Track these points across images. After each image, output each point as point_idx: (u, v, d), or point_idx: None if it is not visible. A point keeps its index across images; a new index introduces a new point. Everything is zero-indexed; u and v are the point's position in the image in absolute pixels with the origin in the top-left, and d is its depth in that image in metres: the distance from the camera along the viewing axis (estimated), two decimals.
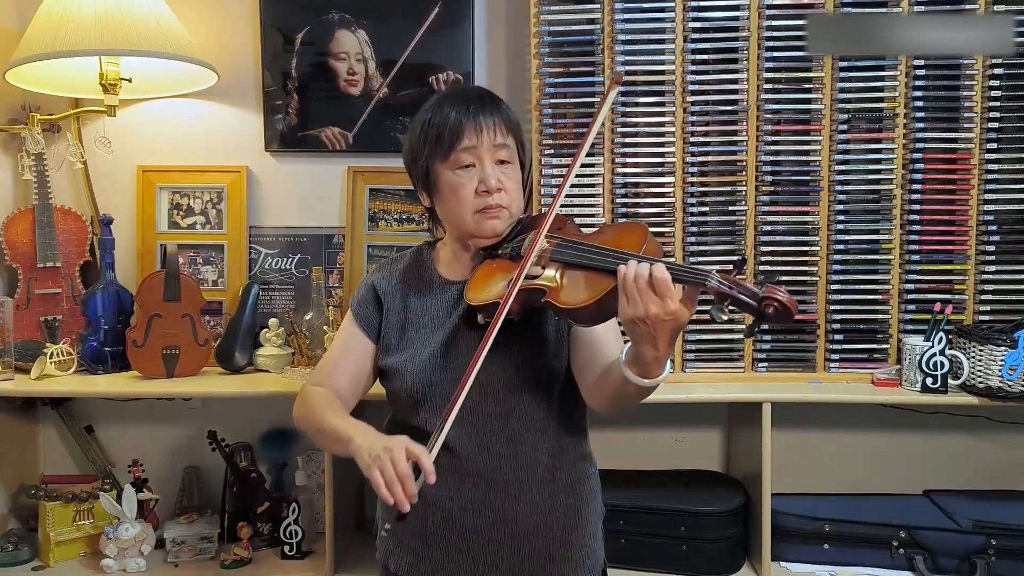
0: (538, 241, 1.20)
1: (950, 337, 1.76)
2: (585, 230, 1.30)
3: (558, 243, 1.20)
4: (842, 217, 1.84)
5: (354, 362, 1.37)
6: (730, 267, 1.06)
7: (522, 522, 1.26)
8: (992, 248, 1.84)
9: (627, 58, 1.84)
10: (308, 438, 2.10)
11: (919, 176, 1.83)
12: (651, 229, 1.82)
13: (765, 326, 1.04)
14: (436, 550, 1.27)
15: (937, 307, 1.77)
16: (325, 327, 2.00)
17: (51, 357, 1.93)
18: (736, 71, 1.83)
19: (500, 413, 1.25)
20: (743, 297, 1.02)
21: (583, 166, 1.86)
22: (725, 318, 1.04)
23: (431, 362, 1.27)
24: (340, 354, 1.38)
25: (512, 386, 1.25)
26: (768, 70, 1.83)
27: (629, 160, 1.85)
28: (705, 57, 1.83)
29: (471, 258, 1.32)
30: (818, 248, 1.85)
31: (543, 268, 1.19)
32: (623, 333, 1.15)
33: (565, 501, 1.30)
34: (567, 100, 1.86)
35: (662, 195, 1.86)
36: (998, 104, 1.81)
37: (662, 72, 1.84)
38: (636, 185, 1.86)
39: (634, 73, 1.85)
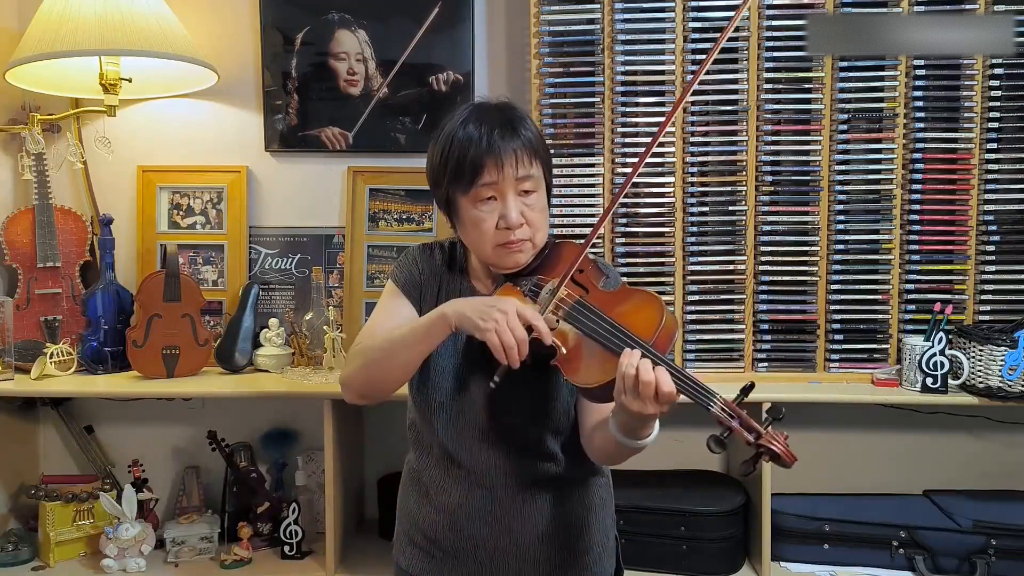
0: (557, 292, 1.17)
1: (950, 337, 1.77)
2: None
3: (575, 304, 1.16)
4: (842, 217, 1.84)
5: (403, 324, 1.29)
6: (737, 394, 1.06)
7: (528, 531, 1.26)
8: (992, 248, 1.84)
9: (627, 58, 1.84)
10: (310, 437, 2.12)
11: (919, 176, 1.83)
12: (651, 229, 1.86)
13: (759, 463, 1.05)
14: (445, 553, 1.29)
15: (937, 307, 1.77)
16: (325, 327, 2.00)
17: (51, 357, 1.93)
18: (736, 71, 1.83)
19: (512, 433, 1.25)
20: (743, 432, 1.02)
21: (583, 165, 1.86)
22: (719, 451, 1.03)
23: (449, 372, 1.26)
24: (390, 318, 1.30)
25: (531, 412, 1.25)
26: (768, 70, 1.83)
27: (629, 160, 1.85)
28: (705, 57, 1.83)
29: (493, 281, 1.31)
30: (818, 248, 1.85)
31: (558, 321, 1.16)
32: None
33: (572, 511, 1.30)
34: (567, 100, 1.86)
35: (662, 195, 1.86)
36: (998, 104, 1.81)
37: (662, 72, 1.84)
38: (636, 185, 1.86)
39: (634, 73, 1.85)
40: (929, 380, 1.74)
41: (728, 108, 1.84)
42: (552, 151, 1.83)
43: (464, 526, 1.26)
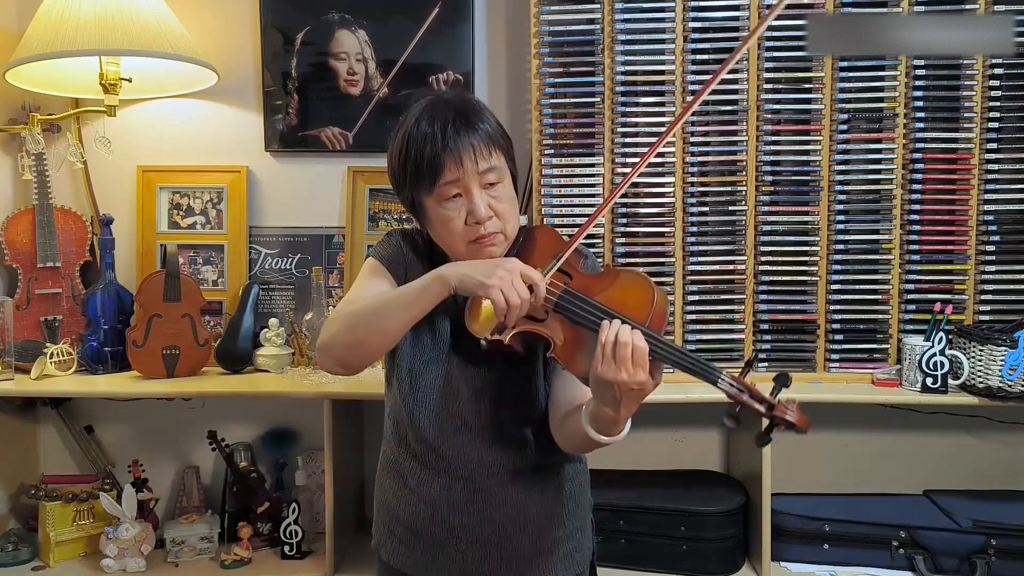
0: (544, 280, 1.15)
1: (950, 337, 1.77)
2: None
3: (562, 293, 1.14)
4: (842, 217, 1.84)
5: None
6: (741, 366, 1.06)
7: (509, 522, 1.26)
8: (992, 248, 1.84)
9: (627, 58, 1.84)
10: (310, 437, 2.12)
11: (919, 176, 1.83)
12: (651, 229, 1.86)
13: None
14: (426, 543, 1.29)
15: (937, 307, 1.77)
16: None
17: (51, 357, 1.93)
18: (736, 71, 1.83)
19: (494, 424, 1.25)
20: (754, 404, 1.02)
21: (583, 165, 1.86)
22: (733, 424, 1.02)
23: (432, 363, 1.26)
24: (370, 290, 1.26)
25: (508, 400, 1.25)
26: (768, 70, 1.83)
27: (629, 160, 1.85)
28: (705, 57, 1.83)
29: None
30: (818, 248, 1.85)
31: (546, 313, 1.14)
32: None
33: (552, 499, 1.30)
34: (567, 100, 1.86)
35: (662, 195, 1.86)
36: (998, 104, 1.81)
37: (662, 72, 1.84)
38: (636, 185, 1.86)
39: (634, 73, 1.85)
40: (929, 380, 1.74)
41: (728, 108, 1.84)
42: (552, 151, 1.85)
43: (446, 517, 1.26)
